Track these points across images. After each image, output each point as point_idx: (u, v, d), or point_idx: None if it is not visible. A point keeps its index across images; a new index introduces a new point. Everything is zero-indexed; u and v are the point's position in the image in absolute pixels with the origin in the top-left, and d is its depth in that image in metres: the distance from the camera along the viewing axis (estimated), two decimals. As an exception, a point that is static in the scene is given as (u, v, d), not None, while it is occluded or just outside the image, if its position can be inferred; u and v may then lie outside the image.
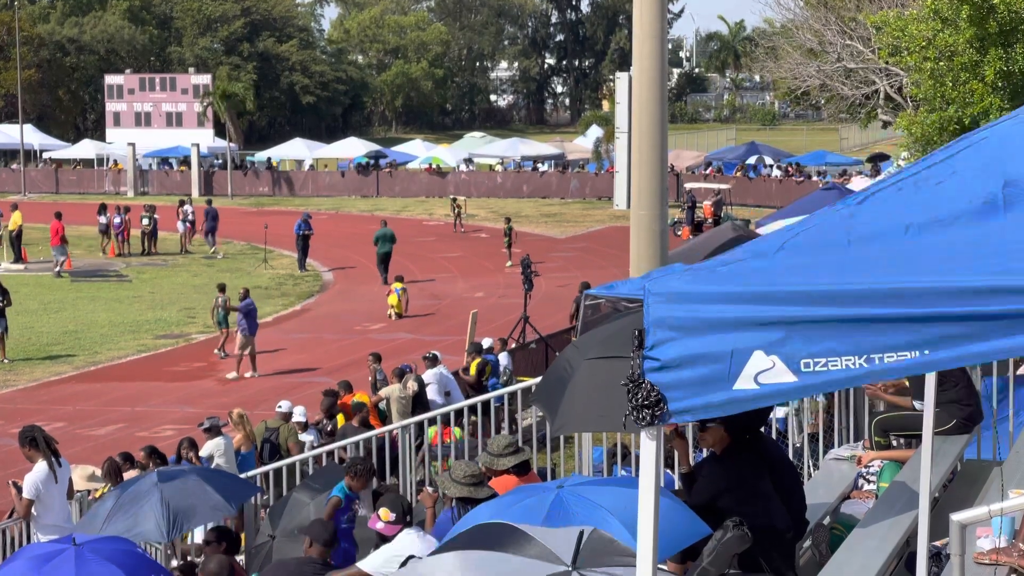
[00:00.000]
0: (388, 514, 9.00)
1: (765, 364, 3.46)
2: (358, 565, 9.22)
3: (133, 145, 65.74)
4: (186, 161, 66.84)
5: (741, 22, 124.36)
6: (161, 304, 35.13)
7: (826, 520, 8.31)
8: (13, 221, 42.50)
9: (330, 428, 18.36)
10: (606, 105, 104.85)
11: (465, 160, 66.54)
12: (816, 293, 3.43)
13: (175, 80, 75.10)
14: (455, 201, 51.96)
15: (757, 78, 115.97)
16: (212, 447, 16.34)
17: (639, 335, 3.58)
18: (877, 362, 3.38)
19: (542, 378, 9.21)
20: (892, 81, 36.80)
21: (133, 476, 12.87)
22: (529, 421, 16.59)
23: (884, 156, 55.91)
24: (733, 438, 7.30)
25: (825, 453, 10.14)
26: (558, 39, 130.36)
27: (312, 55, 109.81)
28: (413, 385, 19.32)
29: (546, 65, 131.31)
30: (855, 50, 38.24)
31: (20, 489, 11.88)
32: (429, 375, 20.21)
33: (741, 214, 46.09)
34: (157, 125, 72.56)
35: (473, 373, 21.34)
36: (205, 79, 73.86)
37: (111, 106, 74.70)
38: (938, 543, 6.72)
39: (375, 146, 72.36)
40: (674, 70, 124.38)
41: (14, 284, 32.70)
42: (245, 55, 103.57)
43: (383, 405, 19.46)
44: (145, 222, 45.37)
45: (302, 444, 17.29)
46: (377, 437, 14.54)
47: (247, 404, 20.88)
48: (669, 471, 10.53)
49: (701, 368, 3.53)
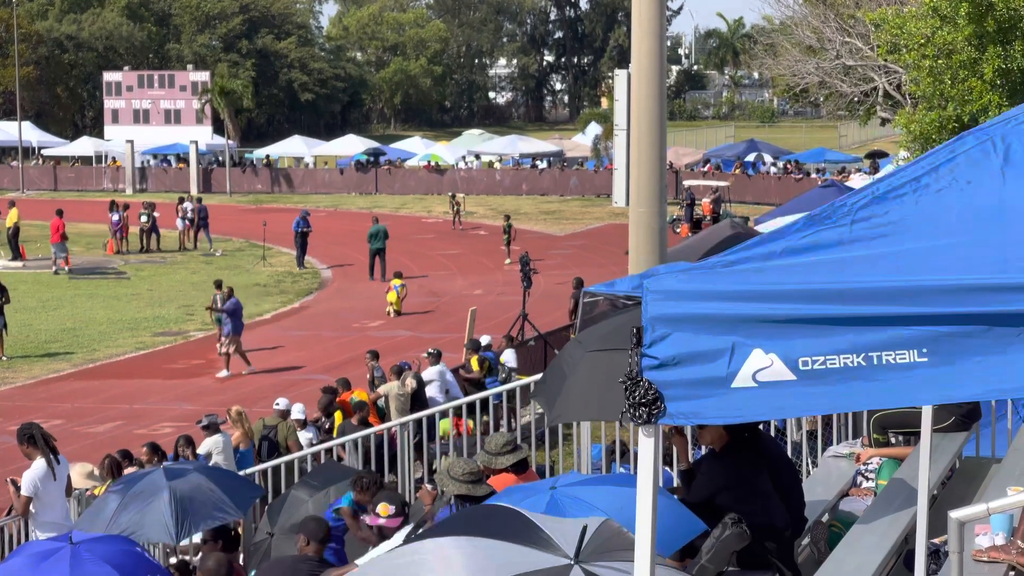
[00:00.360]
0: (387, 508, 8.97)
1: (764, 362, 3.45)
2: (357, 563, 9.20)
3: (132, 142, 65.70)
4: (183, 159, 66.83)
5: (740, 19, 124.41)
6: (159, 302, 35.11)
7: (825, 517, 8.31)
8: (10, 218, 42.45)
9: (328, 426, 18.33)
10: (605, 102, 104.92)
11: (474, 155, 66.58)
12: (815, 291, 3.42)
13: (173, 77, 75.06)
14: (454, 198, 51.94)
15: (756, 75, 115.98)
16: (211, 444, 16.30)
17: (637, 332, 3.57)
18: (876, 361, 3.37)
19: (543, 374, 9.21)
20: (891, 78, 36.78)
21: (134, 472, 12.79)
22: (528, 419, 16.57)
23: (883, 153, 55.94)
24: (732, 435, 7.29)
25: (824, 450, 10.14)
26: (557, 36, 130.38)
27: (311, 52, 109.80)
28: (412, 382, 19.31)
29: (545, 62, 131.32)
30: (854, 47, 38.22)
31: (18, 487, 11.87)
32: (433, 372, 20.18)
33: (740, 211, 46.11)
34: (155, 122, 72.53)
35: (476, 369, 21.31)
36: (204, 76, 73.80)
37: (109, 103, 74.64)
38: (937, 540, 6.71)
39: (374, 143, 72.36)
40: (673, 67, 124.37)
41: (12, 282, 32.65)
42: (244, 52, 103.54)
43: (381, 402, 19.45)
44: (144, 219, 45.35)
45: (300, 442, 17.28)
46: (376, 435, 14.54)
47: (245, 401, 20.85)
48: (668, 468, 10.52)
49: (699, 366, 3.52)
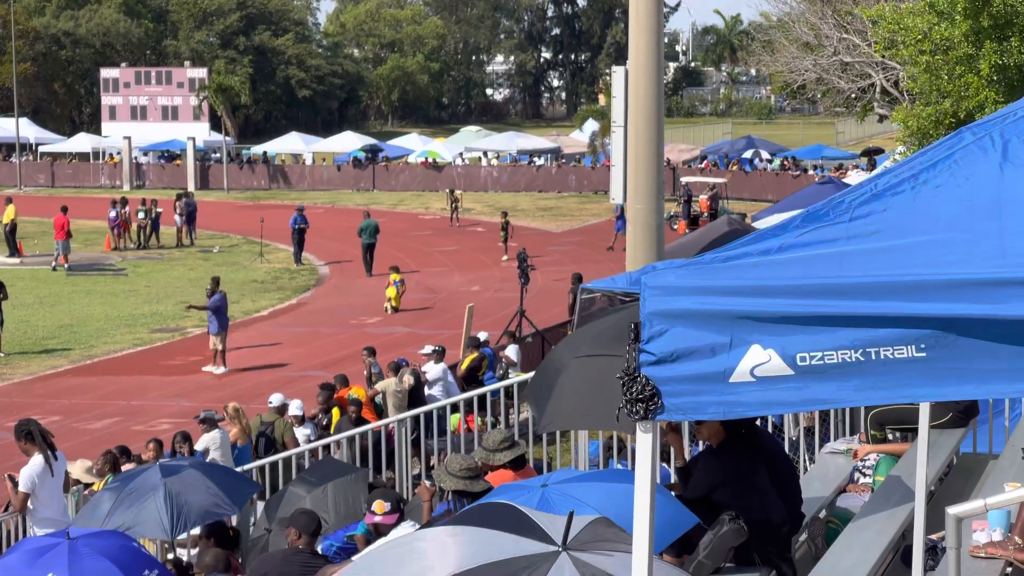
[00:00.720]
0: (383, 505, 8.98)
1: (762, 357, 3.45)
2: (354, 559, 9.19)
3: (129, 139, 65.65)
4: (175, 155, 66.80)
5: (737, 16, 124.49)
6: (157, 298, 35.09)
7: (822, 514, 8.31)
8: (7, 215, 42.41)
9: (326, 422, 18.33)
10: (602, 99, 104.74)
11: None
12: (813, 287, 3.42)
13: (171, 74, 75.00)
14: (452, 193, 51.94)
15: (753, 72, 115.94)
16: (208, 440, 16.29)
17: (635, 328, 3.57)
18: (874, 356, 3.37)
19: (533, 376, 9.19)
20: (888, 75, 36.79)
21: (130, 469, 12.80)
22: (525, 415, 16.57)
23: (879, 150, 55.98)
24: (729, 432, 7.28)
25: (821, 446, 10.14)
26: (554, 33, 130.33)
27: (308, 49, 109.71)
28: (409, 379, 19.30)
29: (542, 59, 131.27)
30: (851, 44, 38.22)
31: (16, 483, 11.87)
32: (438, 369, 20.13)
33: (737, 208, 46.12)
34: (153, 119, 72.49)
35: (464, 369, 21.25)
36: (201, 73, 73.74)
37: (107, 100, 74.58)
38: (934, 536, 6.72)
39: (371, 140, 72.33)
40: (670, 64, 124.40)
41: (10, 278, 32.62)
42: (241, 49, 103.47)
43: (379, 399, 19.43)
44: (141, 216, 45.30)
45: (297, 438, 17.27)
46: (373, 431, 14.54)
47: (242, 398, 20.85)
48: (665, 465, 10.52)
49: (697, 361, 3.51)
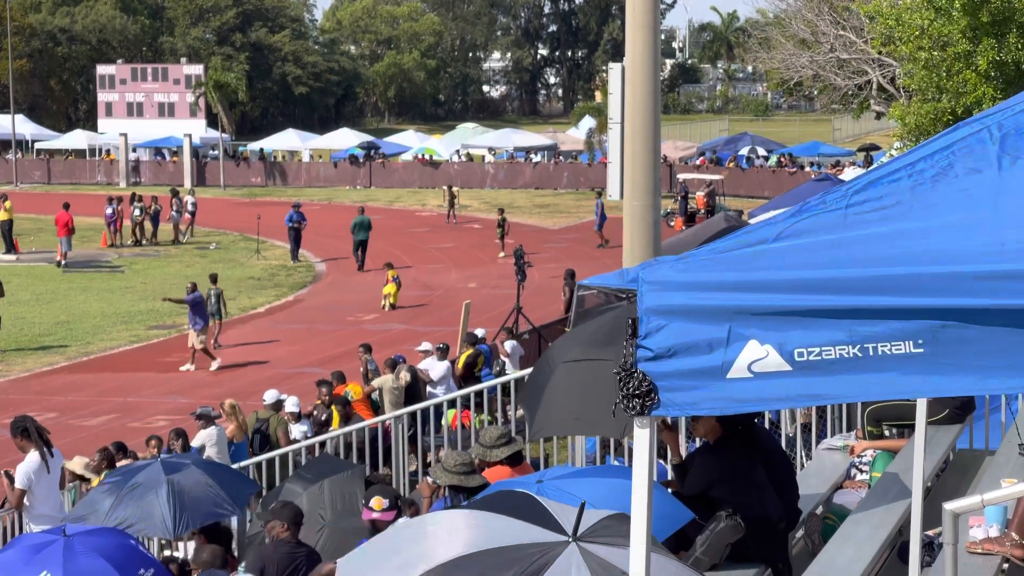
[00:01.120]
0: (381, 502, 8.97)
1: (759, 353, 3.43)
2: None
3: (125, 135, 65.57)
4: (165, 152, 66.73)
5: (734, 13, 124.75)
6: (153, 295, 35.03)
7: (819, 510, 8.30)
8: (2, 212, 42.36)
9: (324, 418, 18.32)
10: (599, 96, 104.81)
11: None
12: (811, 281, 3.41)
13: (167, 70, 74.89)
14: (450, 189, 51.94)
15: (750, 69, 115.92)
16: (204, 437, 16.27)
17: (632, 323, 3.55)
18: (872, 352, 3.36)
19: (526, 381, 9.18)
20: (885, 71, 36.76)
21: (130, 464, 12.77)
22: (522, 411, 16.57)
23: (876, 147, 56.03)
24: (726, 428, 7.27)
25: (818, 443, 10.14)
26: (551, 30, 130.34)
27: (304, 46, 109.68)
28: (406, 376, 19.30)
29: (539, 56, 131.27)
30: (848, 40, 38.19)
31: (12, 479, 11.86)
32: (442, 368, 20.07)
33: (734, 205, 46.10)
34: (149, 115, 72.39)
35: (460, 366, 21.24)
36: (197, 69, 73.66)
37: (103, 96, 74.49)
38: (931, 532, 6.72)
39: (368, 137, 72.28)
40: (667, 61, 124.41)
41: (6, 275, 32.61)
42: (237, 45, 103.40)
43: (376, 396, 19.43)
44: (136, 213, 45.27)
45: (290, 435, 17.25)
46: (370, 428, 14.55)
47: (239, 395, 20.83)
48: (662, 461, 10.51)
49: (694, 357, 3.50)
